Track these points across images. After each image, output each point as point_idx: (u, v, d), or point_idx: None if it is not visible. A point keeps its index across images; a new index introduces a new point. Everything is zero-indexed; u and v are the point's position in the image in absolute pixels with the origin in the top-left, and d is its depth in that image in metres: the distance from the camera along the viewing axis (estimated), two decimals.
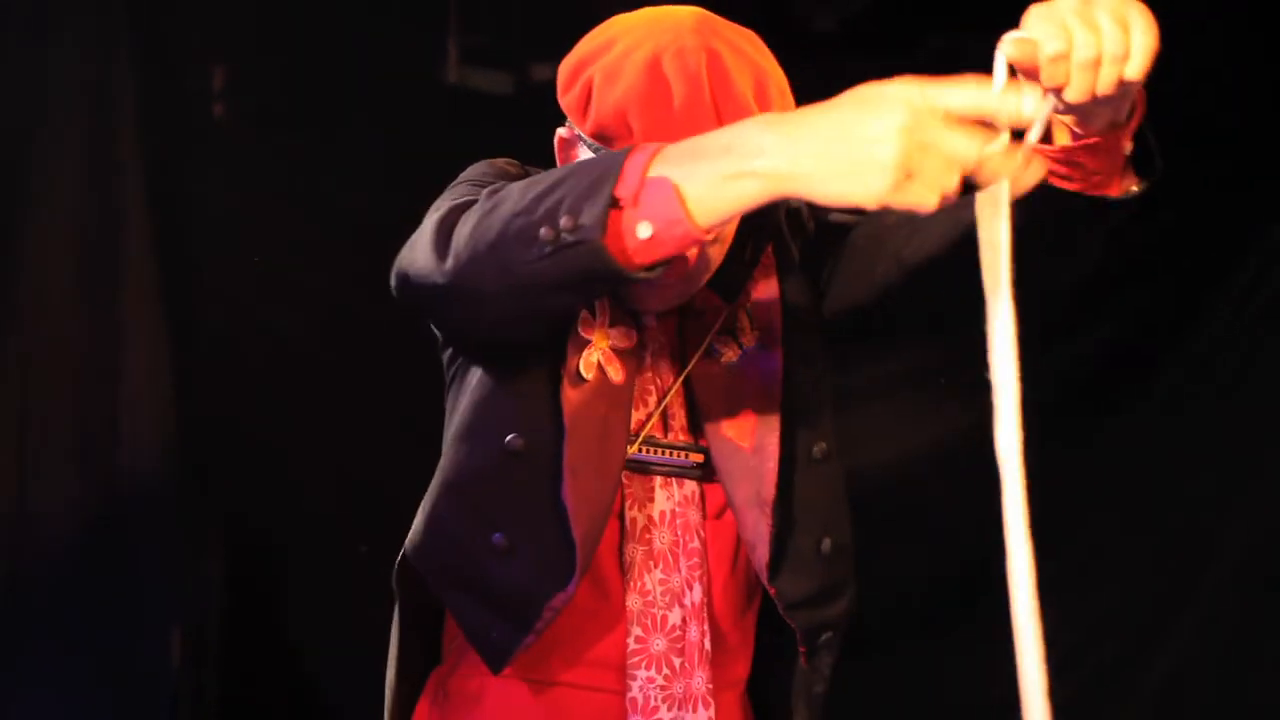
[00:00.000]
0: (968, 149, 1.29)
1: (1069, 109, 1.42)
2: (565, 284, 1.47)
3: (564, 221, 1.42)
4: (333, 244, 3.32)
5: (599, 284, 1.53)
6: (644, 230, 1.40)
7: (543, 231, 1.44)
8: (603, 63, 1.68)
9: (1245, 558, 3.43)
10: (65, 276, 3.23)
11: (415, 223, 1.67)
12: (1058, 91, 1.40)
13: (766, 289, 1.86)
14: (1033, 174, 1.36)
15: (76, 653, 3.21)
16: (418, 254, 1.60)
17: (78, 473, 3.24)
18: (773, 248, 1.86)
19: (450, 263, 1.54)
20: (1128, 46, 1.39)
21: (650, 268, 1.45)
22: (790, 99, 1.71)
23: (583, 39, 1.74)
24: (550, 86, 1.76)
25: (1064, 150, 1.54)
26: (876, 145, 1.28)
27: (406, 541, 1.86)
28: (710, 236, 1.41)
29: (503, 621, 1.78)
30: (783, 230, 1.88)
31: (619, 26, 1.72)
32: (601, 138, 1.68)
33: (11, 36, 3.14)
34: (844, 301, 1.88)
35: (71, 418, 3.25)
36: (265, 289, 3.39)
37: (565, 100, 1.72)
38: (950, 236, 1.71)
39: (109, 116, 3.26)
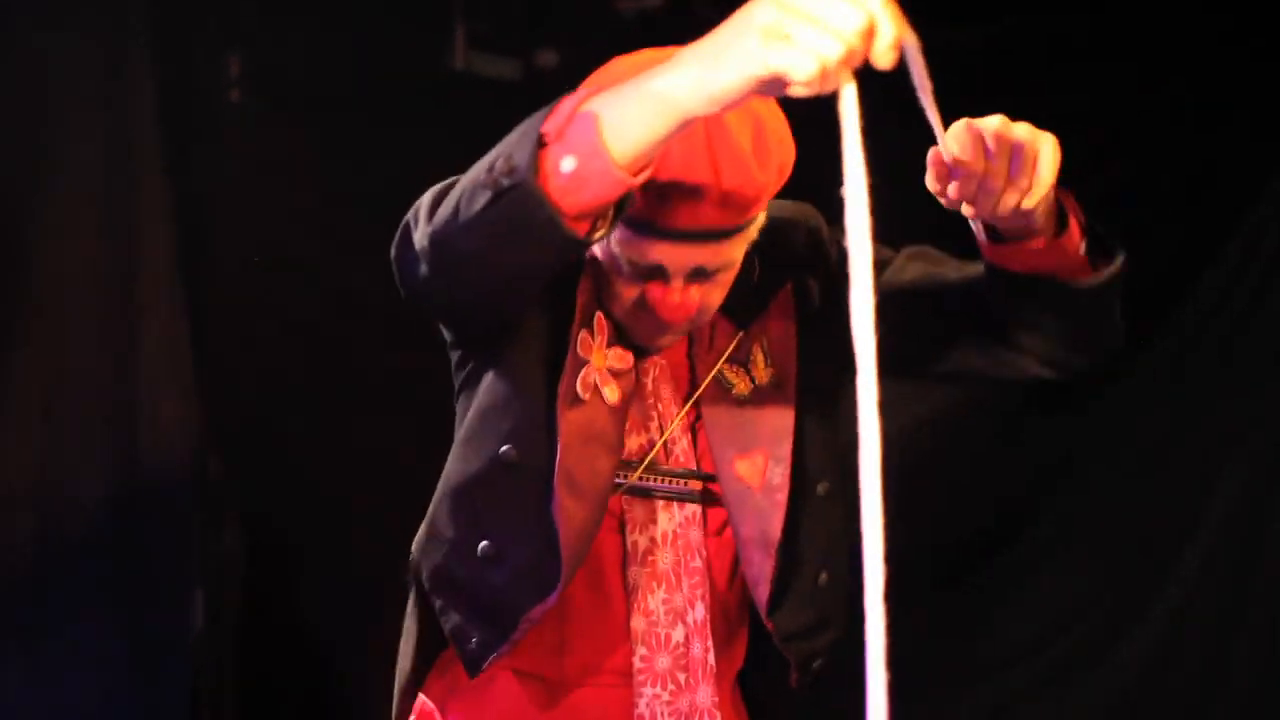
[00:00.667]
0: (848, 19, 1.18)
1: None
2: (512, 234, 1.43)
3: (500, 165, 1.40)
4: (345, 226, 3.33)
5: (542, 234, 1.41)
6: (567, 164, 1.36)
7: (485, 178, 1.42)
8: None
9: (1220, 542, 3.41)
10: (85, 262, 3.24)
11: None
12: (961, 201, 1.49)
13: (783, 325, 1.83)
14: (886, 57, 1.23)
15: (102, 620, 3.23)
16: (414, 224, 1.59)
17: (101, 451, 3.25)
18: (791, 286, 1.83)
19: (432, 226, 1.52)
20: (1031, 181, 1.49)
21: (589, 223, 1.41)
22: (790, 145, 1.67)
23: (587, 79, 1.67)
24: (555, 73, 1.75)
25: (1013, 249, 1.61)
26: (748, 17, 1.23)
27: (414, 542, 1.88)
28: (631, 177, 1.37)
29: (481, 629, 1.79)
30: (800, 265, 1.84)
31: (620, 68, 1.66)
32: None
33: (31, 24, 3.14)
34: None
35: (94, 398, 3.25)
36: (279, 269, 3.40)
37: None
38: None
39: (126, 104, 3.25)
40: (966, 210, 1.57)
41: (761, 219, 1.71)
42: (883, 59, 1.22)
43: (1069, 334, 1.74)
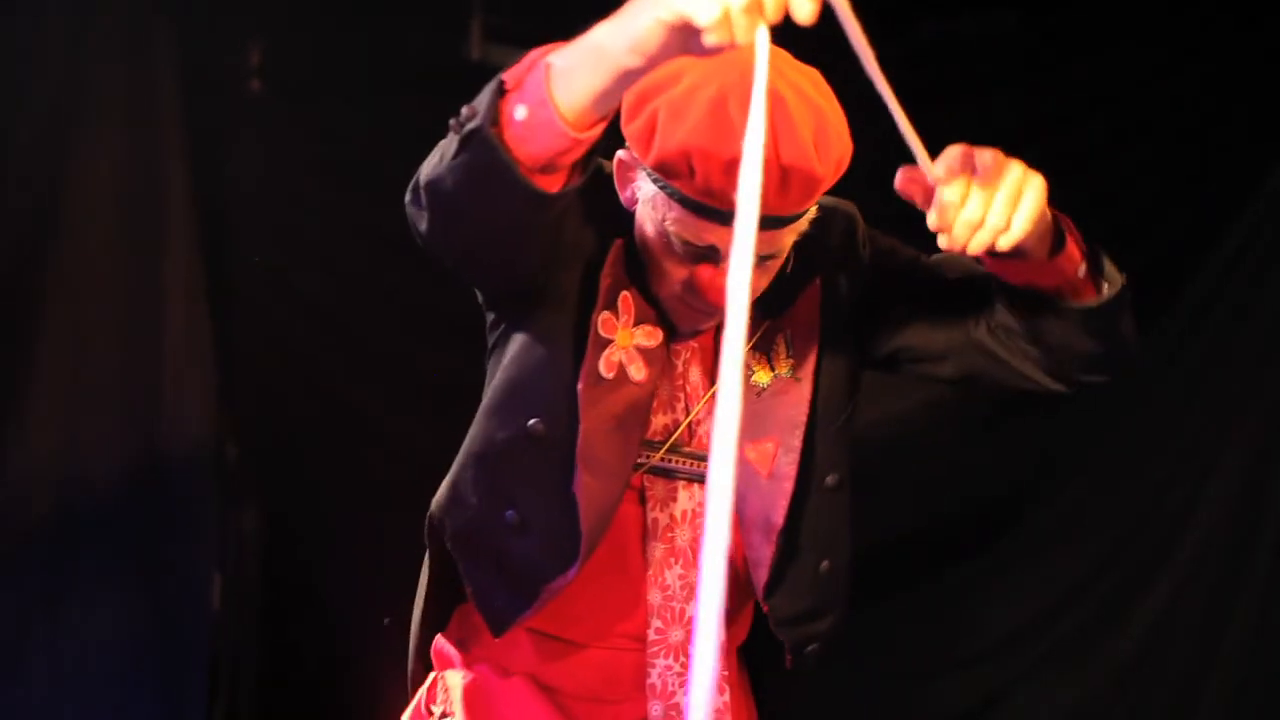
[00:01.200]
0: None
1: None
2: (478, 179, 1.43)
3: (466, 110, 1.42)
4: (361, 215, 3.35)
5: (501, 181, 1.42)
6: (520, 113, 1.37)
7: (454, 127, 1.43)
8: (668, 96, 1.61)
9: (1217, 532, 3.40)
10: (108, 251, 3.26)
11: None
12: (939, 231, 1.47)
13: (808, 320, 1.82)
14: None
15: (123, 599, 3.25)
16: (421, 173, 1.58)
17: (123, 436, 3.27)
18: (820, 280, 1.82)
19: (426, 172, 1.53)
20: (1009, 221, 1.46)
21: (561, 176, 1.41)
22: (848, 141, 1.67)
23: None
24: None
25: (1012, 265, 1.61)
26: None
27: (434, 500, 1.88)
28: (576, 131, 1.37)
29: (507, 592, 1.80)
30: (833, 260, 1.83)
31: (685, 59, 1.60)
32: (663, 171, 1.63)
33: (58, 16, 3.16)
34: (893, 339, 1.87)
35: (116, 385, 3.27)
36: (298, 254, 3.43)
37: (629, 129, 1.66)
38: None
39: (149, 93, 3.27)
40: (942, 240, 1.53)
41: (813, 211, 1.71)
42: (800, 10, 1.21)
43: (1071, 349, 1.74)
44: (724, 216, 1.62)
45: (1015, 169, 1.48)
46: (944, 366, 1.87)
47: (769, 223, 1.63)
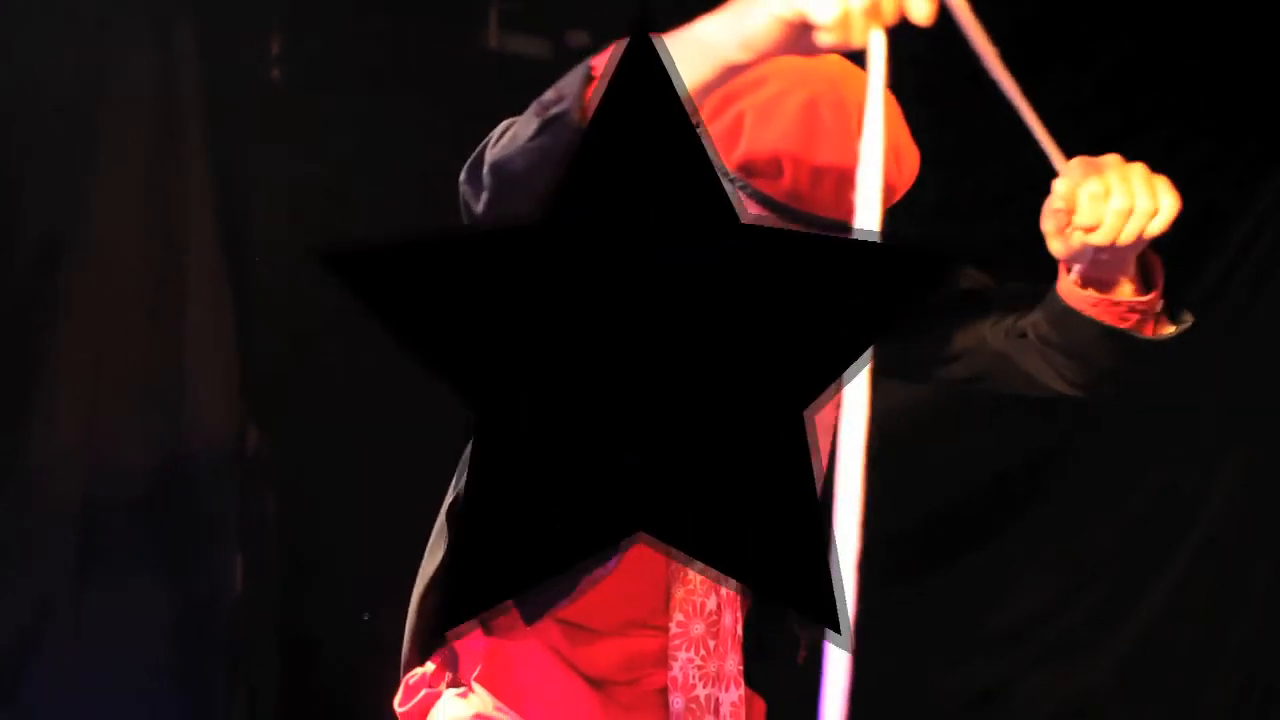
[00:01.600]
0: None
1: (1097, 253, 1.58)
2: (554, 163, 1.37)
3: (550, 95, 1.43)
4: (380, 204, 3.36)
5: None
6: None
7: (536, 109, 1.44)
8: (754, 99, 1.64)
9: (1219, 532, 3.40)
10: (132, 240, 3.26)
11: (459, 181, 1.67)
12: (1089, 230, 1.53)
13: None
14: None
15: (145, 583, 3.25)
16: (486, 150, 1.58)
17: (146, 422, 3.27)
18: None
19: (494, 151, 1.53)
20: (1156, 206, 1.54)
21: None
22: (917, 153, 1.71)
23: None
24: (585, 52, 1.75)
25: (1098, 303, 1.68)
26: None
27: (453, 486, 1.88)
28: None
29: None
30: None
31: (768, 65, 1.60)
32: (746, 171, 1.64)
33: (80, 7, 3.17)
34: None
35: (140, 373, 3.27)
36: (318, 243, 3.43)
37: (710, 130, 1.63)
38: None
39: (171, 83, 3.27)
40: (1078, 250, 1.59)
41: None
42: (917, 11, 1.23)
43: (1112, 369, 1.79)
44: (806, 219, 1.64)
45: (1139, 166, 1.56)
46: (953, 368, 1.91)
47: (842, 229, 1.62)
